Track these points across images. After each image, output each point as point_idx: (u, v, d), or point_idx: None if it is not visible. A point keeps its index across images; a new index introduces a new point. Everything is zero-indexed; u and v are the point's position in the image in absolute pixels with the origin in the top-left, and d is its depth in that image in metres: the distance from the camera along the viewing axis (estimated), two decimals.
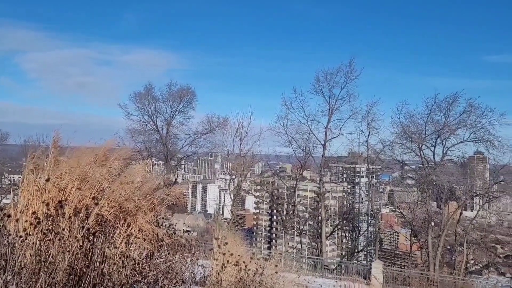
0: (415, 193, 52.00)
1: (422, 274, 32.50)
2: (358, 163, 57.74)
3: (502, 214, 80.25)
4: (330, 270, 36.54)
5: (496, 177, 43.02)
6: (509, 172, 41.14)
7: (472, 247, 57.99)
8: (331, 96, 42.75)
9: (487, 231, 74.95)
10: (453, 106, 40.39)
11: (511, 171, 40.98)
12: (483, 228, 74.68)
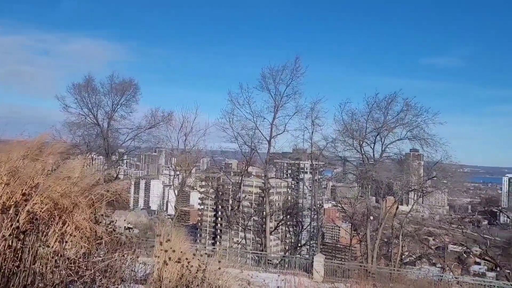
0: (355, 188, 53.98)
1: (361, 266, 33.79)
2: (302, 159, 58.98)
3: (434, 208, 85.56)
4: (273, 264, 37.01)
5: (429, 173, 45.42)
6: (441, 169, 43.49)
7: (407, 239, 61.26)
8: (277, 92, 43.21)
9: (420, 224, 79.42)
10: (391, 105, 42.26)
11: (443, 167, 43.29)
12: (417, 221, 79.06)
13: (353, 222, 53.02)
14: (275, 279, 17.24)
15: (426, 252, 71.00)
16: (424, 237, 73.33)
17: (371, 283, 15.31)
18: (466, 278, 39.25)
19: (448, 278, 32.71)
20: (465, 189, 79.63)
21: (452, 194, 78.64)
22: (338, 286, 15.81)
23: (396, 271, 32.50)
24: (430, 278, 30.34)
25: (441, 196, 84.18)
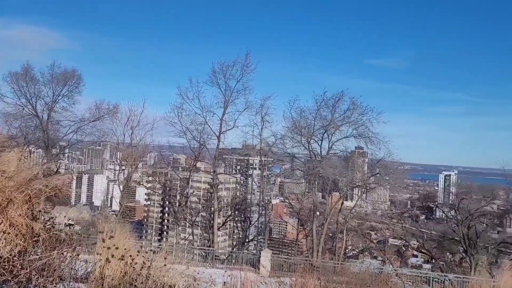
0: (303, 184, 55.02)
1: (306, 260, 34.52)
2: (252, 155, 59.26)
3: (376, 203, 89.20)
4: (221, 260, 36.93)
5: (373, 170, 47.13)
6: (383, 166, 45.22)
7: (351, 234, 63.37)
8: (227, 88, 42.91)
9: (363, 219, 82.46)
10: (339, 103, 43.31)
11: (385, 165, 45.01)
12: (361, 216, 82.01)
13: (300, 218, 54.03)
14: (221, 275, 17.14)
15: (368, 246, 73.85)
16: (366, 231, 76.24)
17: (316, 276, 15.61)
18: (404, 270, 41.23)
19: (387, 270, 34.19)
20: (405, 185, 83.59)
21: (393, 190, 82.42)
22: (284, 280, 16.01)
23: (339, 265, 33.49)
24: (371, 270, 31.53)
25: (383, 192, 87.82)
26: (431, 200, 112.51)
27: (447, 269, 51.44)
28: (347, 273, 26.05)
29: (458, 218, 49.75)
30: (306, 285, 12.86)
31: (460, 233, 47.45)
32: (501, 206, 69.83)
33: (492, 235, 63.72)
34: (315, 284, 13.25)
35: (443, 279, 31.30)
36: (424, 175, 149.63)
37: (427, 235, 64.61)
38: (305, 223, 53.12)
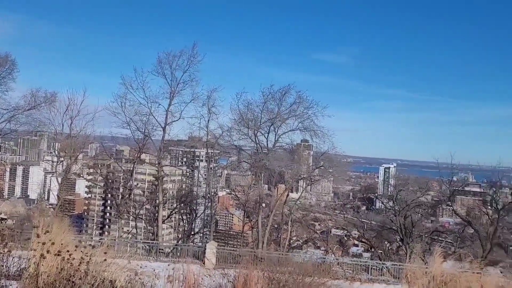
0: (249, 176, 55.24)
1: (252, 252, 34.72)
2: (198, 147, 58.59)
3: (320, 195, 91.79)
4: (165, 253, 36.32)
5: (317, 162, 48.22)
6: (327, 159, 46.39)
7: (296, 225, 64.66)
8: (173, 78, 41.82)
9: (308, 211, 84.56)
10: (285, 97, 43.71)
11: (329, 157, 46.19)
12: (305, 208, 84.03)
13: (246, 210, 54.30)
14: (165, 268, 16.85)
15: (312, 236, 75.81)
16: (311, 222, 78.34)
17: (260, 267, 15.72)
18: (345, 259, 42.72)
19: (330, 260, 35.27)
20: (348, 177, 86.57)
21: (336, 182, 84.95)
22: (228, 272, 16.00)
23: (284, 255, 34.05)
24: (314, 260, 32.38)
25: (327, 184, 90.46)
26: (372, 192, 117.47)
27: (385, 257, 53.82)
28: (291, 264, 26.49)
29: (396, 208, 52.11)
30: (249, 276, 12.90)
31: (398, 223, 49.75)
32: (435, 197, 74.20)
33: (426, 224, 67.55)
34: (258, 275, 13.34)
35: (381, 267, 32.70)
36: (365, 167, 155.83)
37: (368, 225, 67.21)
38: (251, 215, 53.46)
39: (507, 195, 57.88)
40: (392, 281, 27.66)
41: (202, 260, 31.41)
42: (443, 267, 14.70)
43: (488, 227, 50.01)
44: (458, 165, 51.11)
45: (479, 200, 69.30)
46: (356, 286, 16.75)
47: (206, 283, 16.33)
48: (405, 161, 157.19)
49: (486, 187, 59.33)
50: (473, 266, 15.45)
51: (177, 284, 13.56)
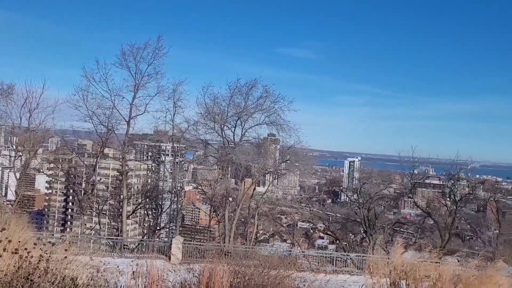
0: (216, 171, 55.02)
1: (218, 246, 34.68)
2: (164, 141, 57.70)
3: (287, 189, 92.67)
4: (130, 249, 35.71)
5: (284, 156, 48.61)
6: (294, 153, 46.81)
7: (262, 218, 65.13)
8: (138, 71, 40.83)
9: (274, 204, 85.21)
10: (252, 91, 43.68)
11: (295, 151, 46.62)
12: (272, 201, 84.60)
13: (213, 204, 54.16)
14: (130, 264, 16.53)
15: (279, 229, 76.58)
16: (277, 216, 79.03)
17: (226, 261, 15.69)
18: (311, 251, 43.42)
19: (296, 252, 35.69)
20: (313, 171, 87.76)
21: (302, 176, 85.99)
22: (193, 267, 15.89)
23: (250, 249, 34.20)
24: (280, 253, 32.68)
25: (293, 177, 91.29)
26: (337, 185, 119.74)
27: (349, 248, 55.02)
28: (257, 257, 26.63)
29: (360, 201, 53.35)
30: (214, 270, 12.84)
31: (361, 215, 50.96)
32: (397, 190, 76.41)
33: (389, 216, 69.59)
34: (224, 269, 13.29)
35: (345, 258, 33.41)
36: (331, 161, 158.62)
37: (333, 217, 68.52)
38: (218, 209, 53.36)
39: (464, 187, 60.38)
40: (355, 272, 28.30)
41: (168, 256, 31.09)
42: (404, 257, 15.11)
43: (446, 218, 52.03)
44: (419, 158, 52.82)
45: (439, 192, 71.81)
46: (321, 278, 17.02)
47: (171, 278, 16.13)
48: (369, 154, 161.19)
49: (445, 180, 61.51)
50: (432, 255, 15.98)
51: (141, 280, 13.31)
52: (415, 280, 13.34)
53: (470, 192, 57.66)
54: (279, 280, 14.31)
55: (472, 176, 67.25)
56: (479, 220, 64.81)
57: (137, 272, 14.93)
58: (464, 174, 60.49)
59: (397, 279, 13.78)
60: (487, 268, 13.77)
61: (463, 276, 12.99)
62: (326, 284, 15.59)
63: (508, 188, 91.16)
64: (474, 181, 66.77)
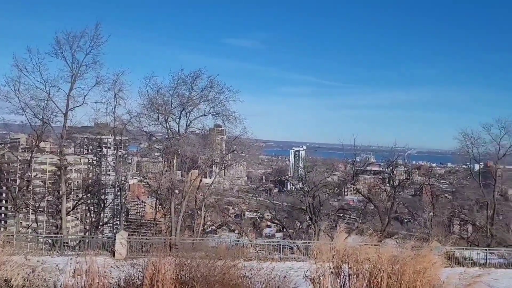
0: (161, 163, 53.96)
1: (165, 239, 34.17)
2: (105, 134, 55.62)
3: (233, 179, 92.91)
4: (71, 247, 34.29)
5: (230, 147, 48.62)
6: (240, 143, 46.92)
7: (209, 210, 64.80)
8: (74, 61, 38.78)
9: (222, 195, 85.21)
10: (196, 81, 43.03)
11: (241, 142, 46.75)
12: (219, 192, 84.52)
13: (158, 197, 53.15)
14: (70, 263, 15.79)
15: (226, 220, 76.67)
16: (224, 206, 79.01)
17: (172, 254, 15.42)
18: (258, 240, 43.97)
19: (243, 242, 35.95)
20: (260, 161, 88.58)
21: (249, 166, 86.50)
22: (138, 262, 15.47)
23: (198, 241, 34.04)
24: (228, 244, 32.80)
25: (240, 168, 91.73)
26: (283, 174, 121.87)
27: (296, 236, 56.33)
28: (205, 248, 26.53)
29: (305, 189, 54.61)
30: (159, 264, 12.56)
31: (307, 203, 52.23)
32: (341, 177, 79.04)
33: (333, 203, 71.84)
34: (169, 262, 13.06)
35: (292, 246, 34.18)
36: (277, 151, 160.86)
37: (279, 206, 69.72)
38: (164, 202, 52.45)
39: (402, 173, 63.58)
40: (301, 258, 29.06)
41: (112, 252, 30.22)
42: (346, 242, 15.60)
43: (386, 202, 54.61)
44: (360, 146, 54.77)
45: (379, 178, 75.03)
46: (266, 266, 17.21)
47: (115, 274, 15.61)
48: (314, 143, 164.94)
49: (385, 166, 64.43)
50: (372, 239, 16.63)
51: (81, 278, 12.76)
52: (357, 263, 13.80)
53: (407, 178, 60.79)
54: (226, 270, 14.27)
55: (409, 162, 71.02)
56: (416, 204, 68.46)
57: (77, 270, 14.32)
58: (402, 160, 63.72)
59: (339, 263, 14.20)
60: (422, 248, 14.52)
61: (400, 257, 13.61)
62: (271, 271, 15.76)
63: (441, 172, 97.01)
64: (411, 167, 70.50)
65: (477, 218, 56.60)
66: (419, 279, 12.60)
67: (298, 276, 17.08)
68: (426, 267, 12.92)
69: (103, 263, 14.51)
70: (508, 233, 55.61)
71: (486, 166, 56.77)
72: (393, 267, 13.22)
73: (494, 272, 28.20)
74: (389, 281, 12.86)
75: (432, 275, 12.90)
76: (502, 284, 25.51)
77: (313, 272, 14.10)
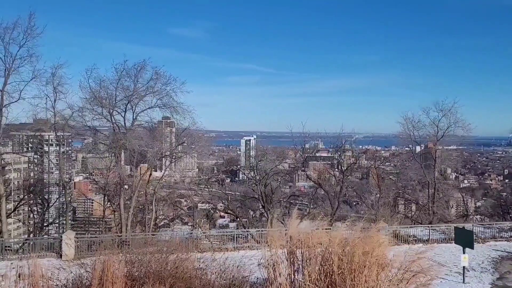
0: (107, 158, 52.18)
1: (115, 237, 33.16)
2: (46, 130, 52.83)
3: (184, 171, 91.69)
4: (14, 250, 32.46)
5: (179, 139, 47.86)
6: (189, 135, 46.33)
7: (161, 204, 63.76)
8: (7, 54, 36.43)
9: (173, 188, 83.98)
10: (141, 73, 41.78)
11: (191, 133, 46.18)
12: (170, 185, 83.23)
13: (106, 193, 51.50)
14: (12, 267, 14.94)
15: (179, 213, 75.78)
16: (176, 199, 77.93)
17: (123, 251, 14.97)
18: (212, 231, 43.79)
19: (197, 234, 35.65)
20: (211, 152, 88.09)
21: (200, 157, 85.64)
22: (86, 261, 14.88)
23: (150, 236, 33.31)
24: (181, 237, 32.38)
25: (191, 160, 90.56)
26: (235, 164, 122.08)
27: (249, 225, 56.68)
28: (158, 243, 26.07)
29: (257, 178, 54.99)
30: (108, 262, 12.14)
31: (259, 191, 52.63)
32: (291, 165, 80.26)
33: (285, 190, 72.95)
34: (119, 259, 12.65)
35: (246, 235, 34.32)
36: (228, 141, 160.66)
37: (232, 196, 69.58)
38: (113, 199, 50.95)
39: (349, 158, 65.59)
40: (255, 246, 29.25)
41: (58, 253, 28.96)
42: (299, 227, 15.87)
43: (335, 187, 56.17)
44: (309, 133, 55.77)
45: (328, 164, 76.93)
46: (220, 256, 17.17)
47: (62, 276, 14.96)
48: (264, 132, 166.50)
49: (333, 152, 66.17)
50: (324, 223, 17.02)
51: (23, 283, 12.08)
52: (309, 248, 14.09)
53: (355, 162, 62.78)
54: (178, 263, 14.07)
55: (356, 147, 73.46)
56: (363, 187, 70.92)
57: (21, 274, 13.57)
58: (349, 145, 65.72)
59: (293, 248, 14.43)
60: (370, 229, 15.05)
61: (350, 239, 14.04)
62: (225, 261, 15.74)
63: (386, 155, 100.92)
64: (358, 152, 72.94)
65: (419, 197, 59.61)
66: (368, 259, 13.06)
67: (252, 264, 17.21)
68: (374, 247, 13.42)
69: (49, 265, 13.85)
70: (448, 210, 59.18)
71: (427, 147, 59.80)
72: (344, 249, 13.61)
73: (437, 247, 29.98)
74: (340, 263, 13.24)
75: (380, 255, 13.41)
76: (444, 258, 27.11)
77: (267, 259, 14.24)
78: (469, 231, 25.17)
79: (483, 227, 37.20)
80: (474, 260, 27.19)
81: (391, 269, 13.60)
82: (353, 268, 12.95)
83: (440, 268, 20.13)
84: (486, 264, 27.23)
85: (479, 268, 26.14)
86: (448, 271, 24.34)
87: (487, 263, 27.59)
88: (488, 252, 30.46)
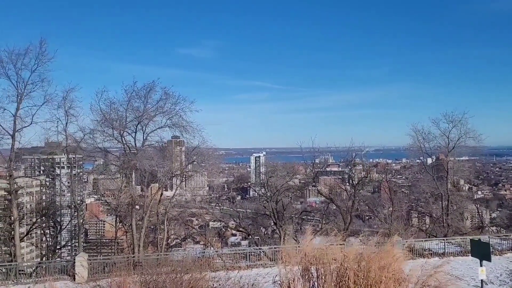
0: (119, 179, 52.40)
1: (128, 257, 33.09)
2: (57, 153, 53.47)
3: (195, 190, 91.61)
4: (27, 274, 32.50)
5: (189, 158, 47.95)
6: (199, 153, 46.40)
7: (173, 223, 63.53)
8: (19, 79, 37.05)
9: (184, 207, 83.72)
10: (150, 94, 42.16)
11: (201, 152, 46.25)
12: (181, 204, 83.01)
13: (118, 214, 51.55)
14: None
15: (191, 232, 75.41)
16: (188, 218, 77.67)
17: (137, 272, 14.93)
18: (224, 250, 43.47)
19: (209, 253, 35.44)
20: (221, 170, 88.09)
21: (210, 175, 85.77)
22: (101, 283, 14.86)
23: (163, 256, 33.15)
24: (193, 256, 32.21)
25: (201, 178, 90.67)
26: (245, 181, 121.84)
27: (261, 242, 56.21)
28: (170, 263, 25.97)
29: (268, 194, 54.70)
30: (123, 283, 12.11)
31: (270, 208, 52.29)
32: (302, 180, 79.81)
33: (296, 206, 72.45)
34: (134, 280, 12.62)
35: (259, 252, 34.01)
36: (237, 158, 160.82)
37: (243, 214, 69.26)
38: (124, 219, 50.93)
39: (360, 171, 65.11)
40: (269, 264, 28.96)
41: (72, 275, 28.93)
42: (312, 243, 15.71)
43: (347, 201, 55.64)
44: (319, 148, 55.72)
45: (339, 178, 76.58)
46: (234, 275, 17.02)
47: None
48: (274, 148, 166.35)
49: (343, 166, 65.81)
50: (337, 238, 16.83)
51: None
52: (324, 264, 13.93)
53: (365, 176, 62.29)
54: (193, 283, 13.99)
55: (367, 160, 72.93)
56: (375, 200, 70.27)
57: None
58: (359, 159, 65.30)
59: (308, 265, 14.28)
60: (385, 243, 14.86)
61: (365, 254, 13.86)
62: (240, 280, 15.60)
63: (397, 168, 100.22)
64: (368, 165, 72.34)
65: (433, 209, 58.76)
66: (384, 274, 12.88)
67: (266, 282, 17.04)
68: (390, 262, 13.24)
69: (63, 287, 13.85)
70: (462, 222, 58.21)
71: (438, 159, 59.22)
72: (359, 264, 13.43)
73: (453, 260, 29.44)
74: (356, 279, 13.06)
75: (396, 269, 13.22)
76: (461, 271, 26.62)
77: (282, 277, 14.09)
78: (486, 243, 24.68)
79: (500, 238, 36.50)
80: (492, 273, 26.63)
81: (408, 284, 13.38)
82: (369, 283, 12.77)
83: (458, 282, 19.78)
84: (505, 277, 26.66)
85: (497, 281, 25.58)
86: (466, 284, 23.86)
87: (505, 275, 27.01)
88: (506, 264, 29.85)
